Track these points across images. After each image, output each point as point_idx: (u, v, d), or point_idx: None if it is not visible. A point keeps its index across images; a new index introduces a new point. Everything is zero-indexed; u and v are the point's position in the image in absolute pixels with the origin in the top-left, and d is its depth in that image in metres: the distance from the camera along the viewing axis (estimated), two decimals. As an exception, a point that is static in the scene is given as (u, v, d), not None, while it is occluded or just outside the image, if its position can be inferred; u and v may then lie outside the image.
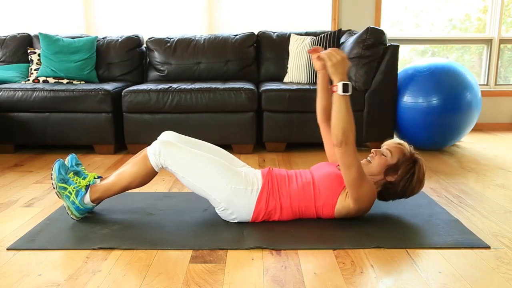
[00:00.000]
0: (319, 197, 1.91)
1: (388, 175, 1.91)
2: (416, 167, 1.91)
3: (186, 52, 3.89)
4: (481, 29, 4.43)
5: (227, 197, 1.88)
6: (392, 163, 1.90)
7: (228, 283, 1.50)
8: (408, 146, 1.96)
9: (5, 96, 3.28)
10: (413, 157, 1.92)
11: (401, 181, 1.90)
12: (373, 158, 1.95)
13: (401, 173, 1.90)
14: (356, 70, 3.28)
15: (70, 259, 1.67)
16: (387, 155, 1.92)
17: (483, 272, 1.56)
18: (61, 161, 1.98)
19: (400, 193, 1.94)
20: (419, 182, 1.93)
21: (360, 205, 1.87)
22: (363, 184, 1.81)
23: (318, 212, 1.94)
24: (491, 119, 4.43)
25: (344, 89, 1.72)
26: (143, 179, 1.94)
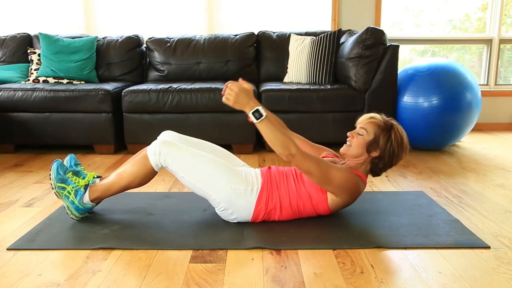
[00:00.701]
0: (312, 194, 1.91)
1: (371, 152, 1.90)
2: (392, 134, 1.88)
3: (186, 52, 3.89)
4: (481, 29, 4.43)
5: (227, 197, 1.88)
6: (370, 139, 1.89)
7: (228, 283, 1.50)
8: (380, 115, 1.95)
9: (5, 96, 3.28)
10: (387, 125, 1.91)
11: (385, 151, 1.88)
12: (351, 141, 1.93)
13: (382, 144, 1.88)
14: (356, 70, 3.28)
15: (70, 259, 1.67)
16: (363, 133, 1.91)
17: (483, 272, 1.56)
18: (59, 161, 1.98)
19: (388, 163, 1.92)
20: (402, 145, 1.90)
21: (343, 195, 1.87)
22: (332, 180, 1.82)
23: (316, 209, 1.94)
24: (491, 119, 4.43)
25: (257, 116, 1.75)
26: (143, 179, 1.94)
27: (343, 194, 1.87)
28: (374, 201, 2.26)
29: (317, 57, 3.49)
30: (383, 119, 1.93)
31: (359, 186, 1.89)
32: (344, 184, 1.85)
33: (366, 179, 1.97)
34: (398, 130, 1.90)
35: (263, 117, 1.74)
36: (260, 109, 1.74)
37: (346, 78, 3.36)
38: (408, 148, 1.93)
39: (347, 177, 1.85)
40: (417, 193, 2.39)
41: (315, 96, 3.27)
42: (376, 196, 2.35)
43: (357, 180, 1.88)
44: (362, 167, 1.95)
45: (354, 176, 1.88)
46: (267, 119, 1.76)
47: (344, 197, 1.89)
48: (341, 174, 1.84)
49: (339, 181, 1.83)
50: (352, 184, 1.86)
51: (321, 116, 3.31)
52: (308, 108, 3.28)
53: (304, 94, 3.28)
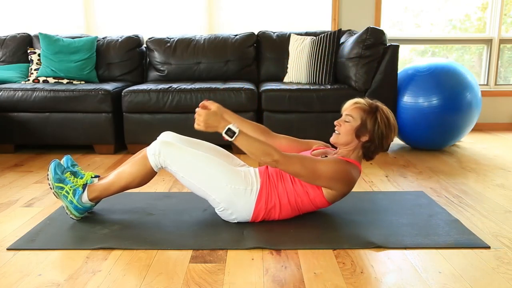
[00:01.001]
0: (309, 190, 1.90)
1: (361, 137, 1.90)
2: (378, 116, 1.88)
3: (186, 52, 3.89)
4: (481, 29, 4.43)
5: (227, 197, 1.88)
6: (357, 124, 1.89)
7: (228, 283, 1.50)
8: (364, 99, 1.95)
9: (5, 96, 3.28)
10: (372, 108, 1.91)
11: (374, 134, 1.88)
12: (339, 129, 1.93)
13: (370, 128, 1.88)
14: (356, 70, 3.28)
15: (70, 259, 1.67)
16: (350, 120, 1.91)
17: (483, 272, 1.56)
18: (56, 161, 1.98)
19: (379, 145, 1.91)
20: (389, 126, 1.89)
21: (336, 186, 1.86)
22: (320, 175, 1.82)
23: (314, 203, 1.93)
24: (491, 119, 4.43)
25: (230, 134, 1.78)
26: (142, 179, 1.94)
27: (336, 186, 1.86)
28: (374, 201, 2.26)
29: (317, 57, 3.49)
30: (367, 102, 1.93)
31: (351, 174, 1.87)
32: (334, 176, 1.84)
33: (360, 165, 1.96)
34: (383, 111, 1.90)
35: (236, 134, 1.77)
36: (231, 127, 1.78)
37: (346, 78, 3.36)
38: (396, 127, 1.93)
39: (335, 169, 1.84)
40: (417, 193, 2.39)
41: (315, 96, 3.27)
42: (376, 196, 2.35)
43: (347, 168, 1.86)
44: (353, 154, 1.94)
45: (344, 165, 1.86)
46: (241, 134, 1.78)
47: (339, 188, 1.88)
48: (328, 167, 1.83)
49: (327, 174, 1.82)
50: (343, 173, 1.85)
51: (321, 116, 3.31)
52: (308, 108, 3.28)
53: (304, 94, 3.28)
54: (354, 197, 2.33)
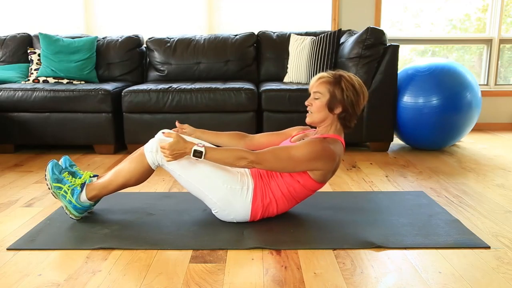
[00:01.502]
0: (298, 178, 1.89)
1: (334, 109, 1.89)
2: (343, 84, 1.86)
3: (186, 52, 3.89)
4: (481, 29, 4.43)
5: (223, 197, 1.88)
6: (327, 99, 1.88)
7: (228, 283, 1.50)
8: (327, 73, 1.93)
9: (5, 96, 3.28)
10: (336, 78, 1.89)
11: (346, 103, 1.87)
12: (311, 108, 1.93)
13: (340, 98, 1.86)
14: (356, 70, 3.28)
15: (70, 259, 1.67)
16: (319, 97, 1.90)
17: (483, 272, 1.56)
18: (54, 161, 1.98)
19: (353, 113, 1.90)
20: (356, 91, 1.87)
21: (319, 166, 1.84)
22: (297, 160, 1.81)
23: (307, 188, 1.91)
24: (491, 119, 4.43)
25: (198, 155, 1.79)
26: (140, 177, 1.94)
27: (317, 165, 1.84)
28: (374, 201, 2.26)
29: (317, 57, 3.49)
30: (330, 74, 1.91)
31: (329, 149, 1.84)
32: (311, 157, 1.81)
33: (342, 137, 1.95)
34: (347, 78, 1.88)
35: (203, 152, 1.79)
36: (196, 148, 1.80)
37: (346, 78, 3.36)
38: (364, 91, 1.91)
39: (309, 150, 1.81)
40: (417, 193, 2.39)
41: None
42: (376, 196, 2.35)
43: (323, 145, 1.83)
44: (332, 129, 1.93)
45: (318, 144, 1.83)
46: (208, 150, 1.80)
47: (321, 167, 1.85)
48: (302, 151, 1.81)
49: (303, 157, 1.81)
50: (319, 152, 1.82)
51: (321, 116, 3.30)
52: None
53: (304, 94, 3.28)
54: (354, 197, 2.33)
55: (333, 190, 2.47)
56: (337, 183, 2.60)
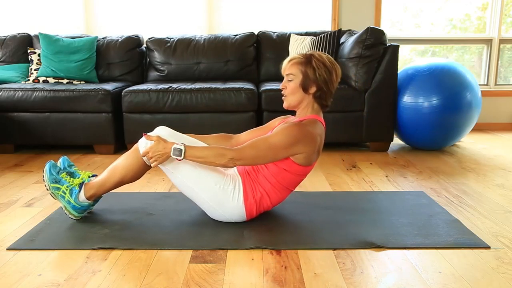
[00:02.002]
0: (282, 165, 1.87)
1: (308, 89, 1.88)
2: (313, 63, 1.86)
3: (186, 52, 3.89)
4: (481, 29, 4.43)
5: (216, 197, 1.88)
6: (300, 79, 1.88)
7: (228, 283, 1.50)
8: (297, 54, 1.93)
9: (5, 96, 3.28)
10: (307, 57, 1.88)
11: (320, 82, 1.86)
12: (286, 91, 1.92)
13: (313, 77, 1.86)
14: (356, 70, 3.28)
15: (70, 259, 1.67)
16: (292, 78, 1.89)
17: (483, 272, 1.56)
18: (51, 162, 1.98)
19: (328, 91, 1.89)
20: (327, 68, 1.87)
21: (300, 150, 1.82)
22: (277, 148, 1.79)
23: (295, 174, 1.90)
24: (491, 119, 4.43)
25: (178, 153, 1.78)
26: (135, 173, 1.94)
27: (297, 149, 1.82)
28: (374, 201, 2.26)
29: (317, 57, 3.48)
30: (301, 55, 1.91)
31: (307, 131, 1.83)
32: (290, 141, 1.79)
33: (320, 116, 1.94)
34: (317, 57, 1.88)
35: (183, 149, 1.77)
36: (175, 146, 1.78)
37: (346, 78, 3.36)
38: (336, 68, 1.90)
39: (287, 134, 1.80)
40: (417, 193, 2.39)
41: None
42: (376, 196, 2.35)
43: (300, 128, 1.81)
44: (309, 110, 1.92)
45: (294, 128, 1.81)
46: (188, 147, 1.79)
47: (302, 150, 1.83)
48: (279, 137, 1.80)
49: (282, 143, 1.79)
50: (296, 136, 1.80)
51: (321, 116, 3.30)
52: (308, 108, 3.27)
53: (304, 94, 3.27)
54: (354, 197, 2.33)
55: (333, 190, 2.47)
56: (337, 183, 2.61)
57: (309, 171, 1.95)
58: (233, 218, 1.94)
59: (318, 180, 2.67)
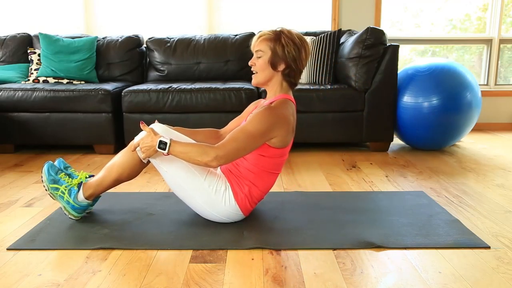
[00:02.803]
0: (261, 152, 1.86)
1: (277, 66, 1.86)
2: (282, 40, 1.84)
3: (186, 52, 3.89)
4: (481, 29, 4.43)
5: (208, 198, 1.87)
6: (269, 55, 1.86)
7: (228, 283, 1.50)
8: (267, 30, 1.90)
9: (5, 96, 3.28)
10: (276, 34, 1.86)
11: (289, 59, 1.84)
12: (255, 68, 1.90)
13: (282, 54, 1.84)
14: (356, 70, 3.28)
15: (70, 259, 1.67)
16: (261, 55, 1.87)
17: (483, 272, 1.56)
18: (50, 162, 1.98)
19: (297, 68, 1.88)
20: (296, 45, 1.85)
21: (274, 134, 1.81)
22: (254, 137, 1.76)
23: (272, 157, 1.88)
24: (491, 119, 4.43)
25: (163, 147, 1.76)
26: (132, 170, 1.93)
27: (274, 134, 1.81)
28: (374, 201, 2.26)
29: (317, 57, 3.49)
30: (271, 31, 1.89)
31: (280, 114, 1.81)
32: (265, 127, 1.78)
33: (290, 95, 1.93)
34: (286, 34, 1.86)
35: (168, 143, 1.75)
36: (161, 139, 1.77)
37: (346, 78, 3.36)
38: (305, 46, 1.88)
39: (260, 120, 1.78)
40: (417, 193, 2.39)
41: (315, 96, 3.27)
42: (376, 196, 2.35)
43: (273, 112, 1.80)
44: (278, 88, 1.91)
45: (268, 112, 1.79)
46: (173, 142, 1.76)
47: (278, 133, 1.82)
48: (255, 124, 1.78)
49: (259, 130, 1.77)
50: (272, 120, 1.79)
51: (321, 116, 3.31)
52: (308, 108, 3.28)
53: (304, 94, 3.28)
54: (354, 197, 2.33)
55: (333, 190, 2.47)
56: (337, 183, 2.61)
57: (288, 152, 1.94)
58: (232, 218, 1.94)
59: (318, 180, 2.67)
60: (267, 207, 2.17)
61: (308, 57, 1.91)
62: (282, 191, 2.46)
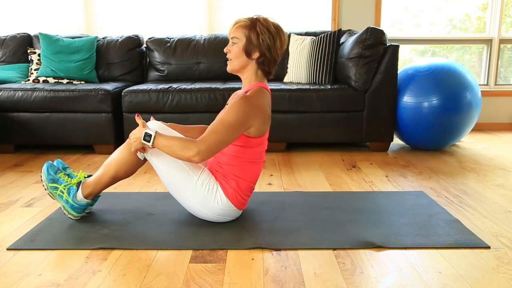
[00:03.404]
0: (238, 143, 1.85)
1: (252, 54, 1.85)
2: (257, 28, 1.83)
3: (186, 52, 3.89)
4: (481, 29, 4.43)
5: (202, 199, 1.87)
6: (244, 43, 1.85)
7: (228, 283, 1.50)
8: (242, 18, 1.89)
9: (5, 96, 3.28)
10: (252, 22, 1.85)
11: (263, 48, 1.83)
12: (230, 55, 1.89)
13: (256, 42, 1.83)
14: (356, 70, 3.28)
15: (70, 259, 1.67)
16: (236, 41, 1.86)
17: (483, 272, 1.56)
18: (49, 162, 1.99)
19: (272, 57, 1.87)
20: (271, 34, 1.83)
21: (253, 122, 1.80)
22: (232, 128, 1.75)
23: (252, 146, 1.87)
24: (491, 119, 4.43)
25: (148, 139, 1.77)
26: (129, 167, 1.93)
27: (251, 123, 1.80)
28: (374, 201, 2.26)
29: (317, 57, 3.49)
30: (247, 18, 1.87)
31: (256, 103, 1.80)
32: (243, 117, 1.77)
33: (265, 83, 1.91)
34: (262, 22, 1.85)
35: (153, 136, 1.76)
36: (147, 131, 1.77)
37: (346, 78, 3.36)
38: (281, 35, 1.87)
39: (237, 110, 1.77)
40: (417, 193, 2.39)
41: (315, 96, 3.27)
42: (376, 196, 2.35)
43: (248, 102, 1.79)
44: (253, 77, 1.90)
45: (244, 102, 1.78)
46: (158, 135, 1.76)
47: (255, 123, 1.81)
48: (232, 114, 1.76)
49: (236, 121, 1.76)
50: (248, 108, 1.78)
51: (321, 116, 3.31)
52: (308, 108, 3.28)
53: (304, 94, 3.28)
54: (354, 197, 2.33)
55: (333, 190, 2.47)
56: (337, 183, 2.61)
57: (266, 140, 1.94)
58: (229, 215, 1.94)
59: (318, 180, 2.67)
60: (267, 207, 2.17)
61: (284, 47, 1.90)
62: (282, 191, 2.46)
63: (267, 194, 2.39)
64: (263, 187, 2.52)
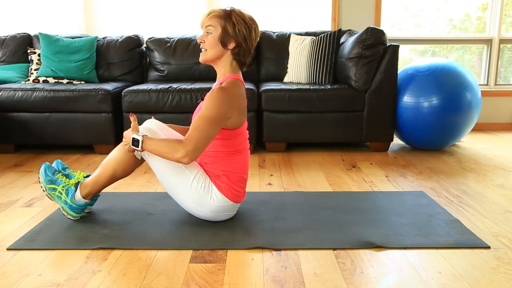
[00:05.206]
0: (221, 137, 1.86)
1: (227, 44, 1.85)
2: (233, 18, 1.83)
3: (186, 52, 3.89)
4: (481, 29, 4.43)
5: (199, 198, 1.87)
6: (219, 32, 1.84)
7: (228, 283, 1.50)
8: (216, 8, 1.90)
9: (5, 96, 3.28)
10: (227, 12, 1.85)
11: (239, 38, 1.83)
12: (204, 45, 1.88)
13: (232, 32, 1.83)
14: (356, 70, 3.28)
15: (70, 259, 1.67)
16: (211, 30, 1.85)
17: (483, 272, 1.56)
18: (47, 163, 1.99)
19: (247, 48, 1.87)
20: (246, 24, 1.84)
21: (230, 114, 1.80)
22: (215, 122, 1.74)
23: (231, 138, 1.87)
24: (491, 119, 4.43)
25: (136, 144, 1.78)
26: (126, 166, 1.93)
27: (229, 115, 1.80)
28: (374, 201, 2.26)
29: (317, 57, 3.49)
30: (221, 9, 1.88)
31: (231, 93, 1.80)
32: (221, 109, 1.76)
33: (239, 75, 1.91)
34: (237, 13, 1.85)
35: (140, 141, 1.76)
36: (134, 136, 1.78)
37: (346, 78, 3.36)
38: (255, 26, 1.87)
39: (214, 103, 1.76)
40: (417, 193, 2.39)
41: (315, 96, 3.27)
42: (376, 196, 2.35)
43: (224, 94, 1.77)
44: (228, 68, 1.89)
45: (220, 95, 1.77)
46: (146, 138, 1.76)
47: (232, 114, 1.81)
48: (210, 108, 1.75)
49: (216, 114, 1.75)
50: (225, 100, 1.77)
51: (321, 116, 3.31)
52: (308, 108, 3.28)
53: (304, 94, 3.28)
54: (354, 197, 2.33)
55: (333, 190, 2.47)
56: (337, 183, 2.61)
57: (245, 129, 1.94)
58: (227, 211, 1.94)
59: (318, 180, 2.67)
60: (267, 207, 2.17)
61: (257, 38, 1.91)
62: (282, 191, 2.46)
63: (267, 194, 2.39)
64: (263, 187, 2.53)
